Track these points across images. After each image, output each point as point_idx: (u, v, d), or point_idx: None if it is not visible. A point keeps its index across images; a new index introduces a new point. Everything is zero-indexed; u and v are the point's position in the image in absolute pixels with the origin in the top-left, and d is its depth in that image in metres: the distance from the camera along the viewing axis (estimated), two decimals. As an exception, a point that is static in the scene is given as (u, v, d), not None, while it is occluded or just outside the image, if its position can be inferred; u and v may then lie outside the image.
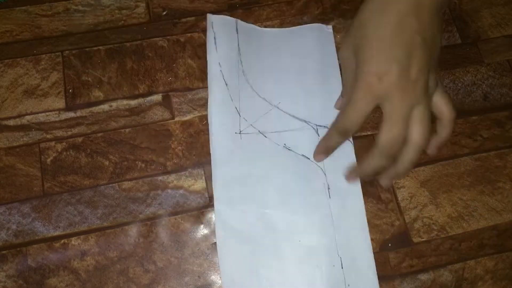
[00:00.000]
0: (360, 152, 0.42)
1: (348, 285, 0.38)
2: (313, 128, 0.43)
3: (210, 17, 0.46)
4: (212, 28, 0.45)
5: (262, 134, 0.43)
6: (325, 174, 0.42)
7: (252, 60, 0.45)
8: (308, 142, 0.42)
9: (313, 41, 0.46)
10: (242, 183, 0.41)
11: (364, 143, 0.43)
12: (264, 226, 0.40)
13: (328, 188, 0.41)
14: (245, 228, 0.40)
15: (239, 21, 0.46)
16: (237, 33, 0.46)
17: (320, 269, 0.39)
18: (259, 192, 0.41)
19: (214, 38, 0.45)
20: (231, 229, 0.40)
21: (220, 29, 0.45)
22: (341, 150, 0.41)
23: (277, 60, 0.46)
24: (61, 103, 0.43)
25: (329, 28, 0.47)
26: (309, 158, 0.42)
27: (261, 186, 0.41)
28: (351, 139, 0.43)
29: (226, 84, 0.44)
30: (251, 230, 0.40)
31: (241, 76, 0.44)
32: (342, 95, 0.42)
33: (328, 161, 0.42)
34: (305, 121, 0.43)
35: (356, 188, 0.41)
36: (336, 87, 0.44)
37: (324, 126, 0.43)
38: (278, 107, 0.44)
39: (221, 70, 0.44)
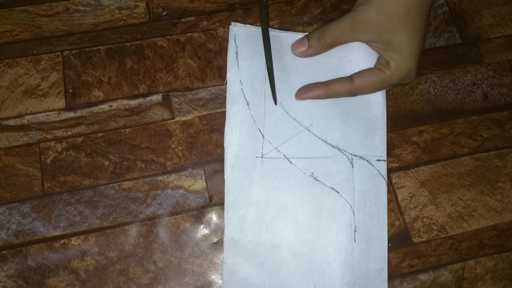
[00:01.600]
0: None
1: None
2: (348, 158, 0.39)
3: (233, 28, 0.42)
4: (235, 41, 0.42)
5: (287, 159, 0.39)
6: (354, 213, 0.38)
7: (283, 74, 0.41)
8: (340, 173, 0.39)
9: (361, 59, 0.41)
10: (258, 213, 0.38)
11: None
12: (276, 263, 0.37)
13: (355, 231, 0.38)
14: (256, 263, 0.38)
15: (270, 30, 0.42)
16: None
17: None
18: (277, 225, 0.38)
19: (236, 52, 0.41)
20: (240, 262, 0.38)
21: (244, 42, 0.42)
22: (373, 189, 0.39)
23: (314, 75, 0.41)
24: (61, 103, 0.43)
25: None
26: (338, 192, 0.39)
27: (280, 219, 0.38)
28: (385, 176, 0.40)
29: (248, 104, 0.40)
30: (262, 267, 0.37)
31: (269, 93, 0.41)
32: (308, 40, 0.41)
33: (359, 198, 0.39)
34: (339, 149, 0.40)
35: (383, 233, 0.39)
36: (379, 114, 0.41)
37: (361, 157, 0.40)
38: (309, 130, 0.40)
39: (242, 89, 0.41)
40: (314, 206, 0.39)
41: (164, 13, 0.46)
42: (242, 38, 0.42)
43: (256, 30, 0.43)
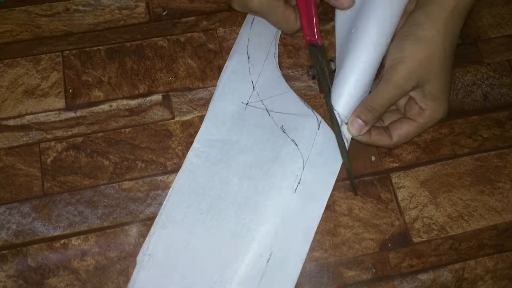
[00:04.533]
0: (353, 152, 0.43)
1: (261, 280, 0.38)
2: (317, 120, 0.42)
3: None
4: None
5: (267, 111, 0.43)
6: (303, 167, 0.41)
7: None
8: (305, 129, 0.42)
9: None
10: (225, 147, 0.41)
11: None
12: (223, 191, 0.40)
13: (299, 183, 0.40)
14: (207, 187, 0.40)
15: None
16: None
17: (247, 253, 0.38)
18: (237, 161, 0.41)
19: (254, 17, 0.46)
20: (194, 182, 0.40)
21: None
22: (329, 154, 0.41)
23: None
24: (61, 103, 0.43)
25: None
26: (297, 145, 0.41)
27: (241, 157, 0.41)
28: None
29: (248, 57, 0.44)
30: (211, 191, 0.40)
31: (271, 57, 0.44)
32: (361, 118, 0.39)
33: (313, 156, 0.41)
34: (312, 110, 0.43)
35: (323, 198, 0.40)
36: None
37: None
38: (295, 92, 0.43)
39: (248, 45, 0.44)
40: (272, 151, 0.41)
41: (164, 13, 0.46)
42: None
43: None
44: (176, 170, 0.41)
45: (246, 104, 0.43)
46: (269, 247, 0.39)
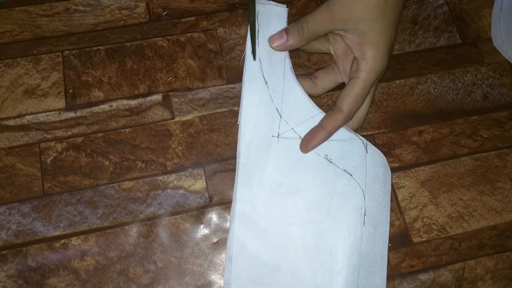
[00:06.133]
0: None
1: None
2: (363, 143, 0.39)
3: (257, 6, 0.40)
4: (257, 19, 0.40)
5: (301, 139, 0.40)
6: (364, 197, 0.39)
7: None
8: (354, 156, 0.39)
9: None
10: (271, 192, 0.39)
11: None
12: (285, 241, 0.38)
13: (365, 214, 0.38)
14: (266, 239, 0.38)
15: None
16: (288, 23, 0.41)
17: None
18: (288, 204, 0.38)
19: (257, 30, 0.40)
20: (250, 237, 0.38)
21: (266, 21, 0.40)
22: (382, 176, 0.39)
23: None
24: (61, 103, 0.43)
25: None
26: (352, 175, 0.39)
27: (291, 198, 0.38)
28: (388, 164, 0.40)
29: (266, 83, 0.40)
30: (271, 244, 0.38)
31: (289, 73, 0.40)
32: (287, 33, 0.39)
33: (370, 183, 0.39)
34: (355, 133, 0.40)
35: (386, 220, 0.39)
36: None
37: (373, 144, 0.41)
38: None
39: (261, 67, 0.40)
40: (326, 187, 0.39)
41: (164, 13, 0.46)
42: (264, 17, 0.40)
43: (280, 10, 0.41)
44: (176, 170, 0.41)
45: (278, 136, 0.39)
46: (355, 286, 0.37)
